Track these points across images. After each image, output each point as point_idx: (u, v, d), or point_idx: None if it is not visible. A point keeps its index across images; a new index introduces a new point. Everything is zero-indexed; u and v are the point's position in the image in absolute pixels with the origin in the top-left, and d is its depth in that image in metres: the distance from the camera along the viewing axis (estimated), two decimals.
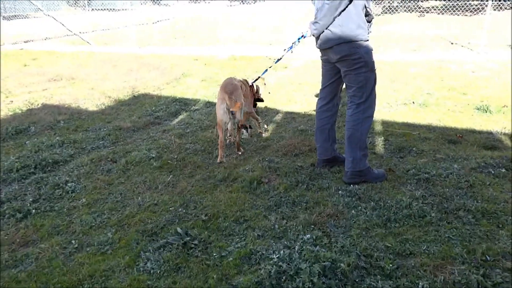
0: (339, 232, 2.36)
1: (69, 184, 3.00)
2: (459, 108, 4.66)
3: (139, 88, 6.00)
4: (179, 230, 2.33)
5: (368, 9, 2.76)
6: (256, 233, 2.37)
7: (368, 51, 2.75)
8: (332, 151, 3.16)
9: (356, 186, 2.85)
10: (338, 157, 3.20)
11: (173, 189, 2.96)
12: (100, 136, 4.05)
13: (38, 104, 5.15)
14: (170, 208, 2.68)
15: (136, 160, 3.40)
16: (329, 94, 3.09)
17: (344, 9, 2.66)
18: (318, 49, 2.98)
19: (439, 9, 16.26)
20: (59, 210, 2.70)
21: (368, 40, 2.77)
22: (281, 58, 3.61)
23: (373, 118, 2.97)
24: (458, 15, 14.91)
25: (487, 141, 3.63)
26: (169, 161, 3.41)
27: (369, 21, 2.79)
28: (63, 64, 7.90)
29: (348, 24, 2.68)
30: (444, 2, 16.68)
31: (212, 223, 2.49)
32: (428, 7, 16.52)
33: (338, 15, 2.67)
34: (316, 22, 2.78)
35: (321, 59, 3.07)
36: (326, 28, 2.74)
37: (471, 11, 14.39)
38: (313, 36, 2.89)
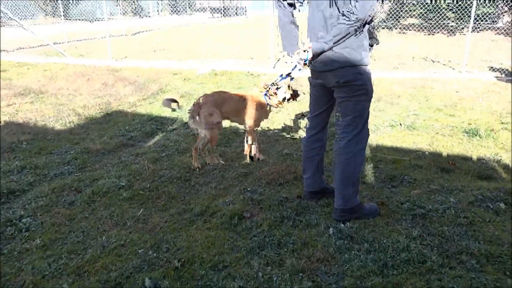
0: (331, 282, 2.08)
1: (23, 220, 2.63)
2: (448, 131, 4.50)
3: (113, 104, 5.65)
4: (147, 282, 2.01)
5: (373, 32, 2.50)
6: (237, 283, 2.06)
7: (370, 78, 2.48)
8: (321, 182, 2.90)
9: (348, 224, 2.59)
10: (326, 188, 2.94)
11: (144, 226, 2.63)
12: (66, 160, 3.68)
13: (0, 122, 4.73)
14: (139, 251, 2.35)
15: (104, 190, 3.05)
16: (320, 123, 2.80)
17: (358, 31, 2.33)
18: (312, 71, 2.63)
19: (417, 27, 16.50)
20: (9, 253, 2.33)
21: (368, 65, 2.48)
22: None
23: None
24: (434, 34, 15.15)
25: (481, 169, 3.45)
26: (140, 191, 3.07)
27: (371, 45, 2.51)
28: (33, 77, 7.46)
29: (354, 46, 2.36)
30: (422, 21, 16.97)
31: (187, 270, 2.17)
32: (407, 25, 16.74)
33: (349, 37, 2.34)
34: (325, 42, 2.32)
35: (313, 83, 2.71)
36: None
37: (448, 31, 14.64)
38: (313, 55, 2.39)
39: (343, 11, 2.27)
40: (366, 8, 2.22)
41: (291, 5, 2.58)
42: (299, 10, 2.65)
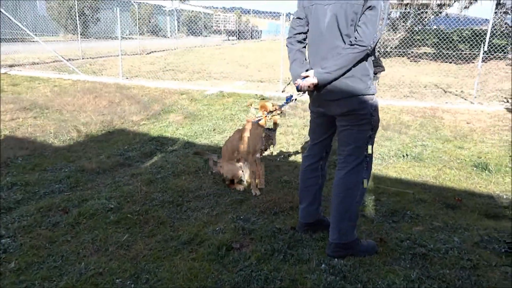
0: None
1: (3, 241, 2.53)
2: (456, 164, 4.32)
3: (116, 122, 5.61)
4: None
5: (378, 59, 2.39)
6: None
7: (376, 107, 2.35)
8: (317, 214, 2.75)
9: (342, 260, 2.42)
10: (322, 220, 2.79)
11: (126, 253, 2.50)
12: (58, 178, 3.60)
13: (0, 136, 4.72)
14: (117, 280, 2.22)
15: (91, 212, 2.94)
16: (320, 152, 2.66)
17: (364, 59, 2.26)
18: (314, 99, 2.51)
19: (431, 56, 16.44)
20: None
21: (374, 94, 2.36)
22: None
23: None
24: (450, 63, 15.04)
25: (489, 207, 3.25)
26: (129, 215, 2.96)
27: (375, 73, 2.38)
28: (42, 91, 7.54)
29: (358, 74, 2.26)
30: (435, 50, 16.91)
31: None
32: (421, 53, 16.69)
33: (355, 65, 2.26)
34: (329, 72, 2.24)
35: (314, 111, 2.58)
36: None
37: (462, 60, 14.51)
38: (317, 84, 2.31)
39: (350, 41, 2.20)
40: (372, 37, 2.16)
41: (301, 42, 2.49)
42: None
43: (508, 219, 3.08)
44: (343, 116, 2.38)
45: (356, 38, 2.17)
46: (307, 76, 2.33)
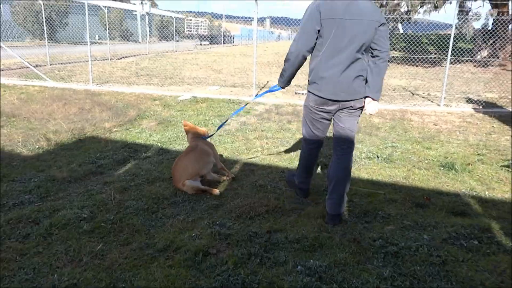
0: None
1: None
2: (424, 165, 4.48)
3: (88, 130, 5.50)
4: None
5: None
6: None
7: None
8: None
9: (317, 261, 2.47)
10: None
11: (101, 262, 2.46)
12: (28, 188, 3.50)
13: None
14: None
15: (63, 222, 2.87)
16: (321, 142, 3.21)
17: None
18: (325, 100, 2.86)
19: (399, 60, 16.94)
20: None
21: None
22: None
23: None
24: (416, 66, 15.55)
25: (456, 205, 3.39)
26: (102, 224, 2.91)
27: None
28: (8, 99, 7.29)
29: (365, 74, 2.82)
30: (404, 54, 17.45)
31: None
32: (390, 58, 17.16)
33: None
34: (380, 89, 2.84)
35: (318, 110, 2.94)
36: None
37: (429, 63, 15.04)
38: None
39: (373, 53, 2.77)
40: (388, 47, 2.74)
41: (310, 52, 2.87)
42: None
43: (473, 215, 3.22)
44: (356, 110, 2.90)
45: (381, 50, 2.72)
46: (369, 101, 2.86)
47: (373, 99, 2.82)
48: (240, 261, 2.49)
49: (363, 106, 2.87)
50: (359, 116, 2.97)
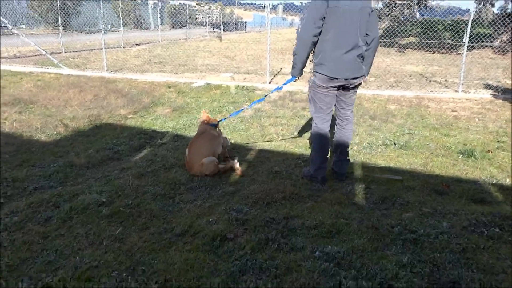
0: None
1: None
2: (442, 152, 4.41)
3: (103, 116, 5.55)
4: None
5: None
6: None
7: None
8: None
9: (335, 247, 2.46)
10: None
11: (121, 246, 2.50)
12: (47, 173, 3.55)
13: None
14: (113, 273, 2.22)
15: (82, 206, 2.92)
16: (330, 116, 3.47)
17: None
18: (333, 79, 3.21)
19: (415, 46, 16.59)
20: None
21: None
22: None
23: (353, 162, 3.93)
24: (433, 52, 15.22)
25: (475, 192, 3.34)
26: (121, 208, 2.94)
27: None
28: (25, 86, 7.38)
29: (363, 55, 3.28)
30: (421, 40, 17.08)
31: None
32: (405, 44, 16.84)
33: None
34: (370, 68, 3.40)
35: (329, 87, 3.28)
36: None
37: (445, 49, 14.70)
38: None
39: (367, 38, 3.19)
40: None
41: (317, 36, 3.18)
42: None
43: (494, 203, 3.17)
44: (356, 86, 3.37)
45: (371, 35, 3.18)
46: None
47: (365, 76, 3.39)
48: (258, 246, 2.50)
49: (361, 83, 3.37)
50: (356, 92, 3.47)
